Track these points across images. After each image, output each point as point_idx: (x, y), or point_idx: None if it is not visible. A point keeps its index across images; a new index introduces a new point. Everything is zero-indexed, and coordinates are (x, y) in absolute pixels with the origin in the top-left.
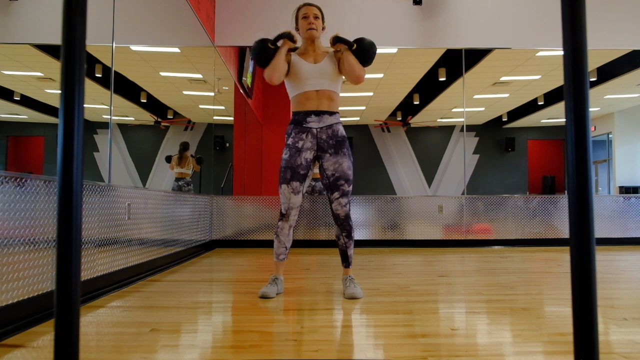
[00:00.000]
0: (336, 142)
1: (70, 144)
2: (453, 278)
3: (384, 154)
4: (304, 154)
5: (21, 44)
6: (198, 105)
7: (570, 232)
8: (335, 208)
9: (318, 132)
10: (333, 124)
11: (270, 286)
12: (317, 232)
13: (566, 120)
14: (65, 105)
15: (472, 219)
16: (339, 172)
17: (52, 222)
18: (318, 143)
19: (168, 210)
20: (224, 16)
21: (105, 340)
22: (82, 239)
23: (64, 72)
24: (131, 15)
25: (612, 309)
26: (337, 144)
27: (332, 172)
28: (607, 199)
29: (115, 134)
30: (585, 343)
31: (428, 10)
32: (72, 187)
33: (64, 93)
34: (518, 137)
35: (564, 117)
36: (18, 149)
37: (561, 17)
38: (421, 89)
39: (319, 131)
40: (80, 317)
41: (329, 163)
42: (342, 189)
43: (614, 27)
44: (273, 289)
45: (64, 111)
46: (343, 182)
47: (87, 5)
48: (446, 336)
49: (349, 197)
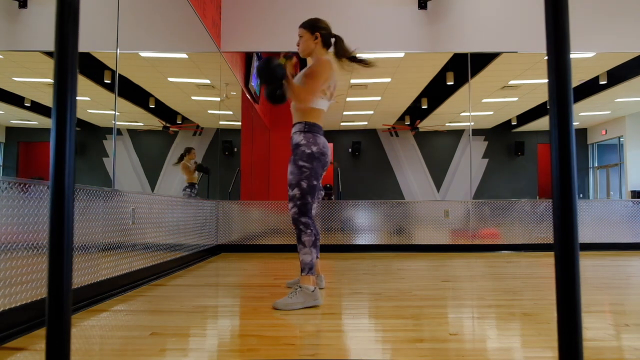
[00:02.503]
0: (292, 150)
1: (62, 149)
2: (457, 283)
3: (392, 159)
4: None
5: (31, 51)
6: (206, 110)
7: (555, 237)
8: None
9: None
10: (292, 134)
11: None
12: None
13: (550, 125)
14: (58, 111)
15: (479, 223)
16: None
17: None
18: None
19: (173, 215)
20: (229, 22)
21: (107, 343)
22: (87, 243)
23: (57, 78)
24: (139, 22)
25: (616, 314)
26: (292, 151)
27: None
28: (616, 204)
29: (125, 139)
30: (570, 349)
31: (433, 15)
32: (64, 191)
33: (56, 99)
34: (527, 141)
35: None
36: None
37: (545, 23)
38: (429, 93)
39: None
40: (84, 320)
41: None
42: (288, 194)
43: (623, 31)
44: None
45: (56, 117)
46: (288, 187)
47: (79, 12)
48: (445, 341)
49: (294, 201)
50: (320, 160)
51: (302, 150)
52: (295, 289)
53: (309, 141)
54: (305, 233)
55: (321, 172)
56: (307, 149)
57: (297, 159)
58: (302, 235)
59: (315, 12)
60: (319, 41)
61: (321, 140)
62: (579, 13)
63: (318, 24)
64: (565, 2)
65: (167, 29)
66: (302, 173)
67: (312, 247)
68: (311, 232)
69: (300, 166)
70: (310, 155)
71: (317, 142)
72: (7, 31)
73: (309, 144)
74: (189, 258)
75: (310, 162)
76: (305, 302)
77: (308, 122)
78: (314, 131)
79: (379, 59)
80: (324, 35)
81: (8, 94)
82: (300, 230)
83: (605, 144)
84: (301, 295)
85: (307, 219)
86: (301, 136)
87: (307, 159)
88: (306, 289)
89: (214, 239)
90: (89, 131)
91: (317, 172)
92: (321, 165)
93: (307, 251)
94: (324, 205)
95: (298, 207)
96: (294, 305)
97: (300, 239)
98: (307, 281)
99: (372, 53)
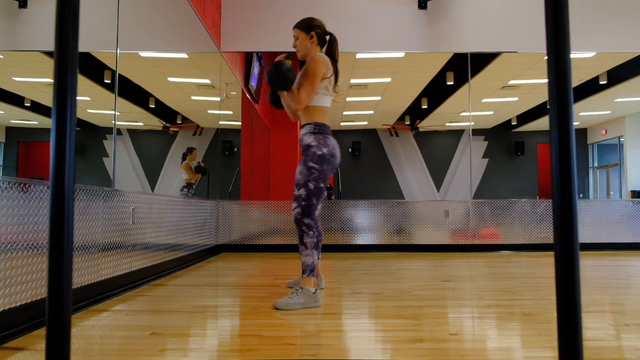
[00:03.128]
0: (302, 151)
1: (62, 149)
2: (457, 283)
3: (392, 159)
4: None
5: (31, 51)
6: (206, 110)
7: (555, 237)
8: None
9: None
10: (301, 135)
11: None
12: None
13: (550, 125)
14: (58, 111)
15: (479, 223)
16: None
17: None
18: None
19: (173, 215)
20: (229, 22)
21: (107, 343)
22: (87, 243)
23: (57, 78)
24: (139, 22)
25: (616, 314)
26: (302, 152)
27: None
28: (616, 204)
29: (125, 139)
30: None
31: (433, 15)
32: (64, 191)
33: (56, 99)
34: (528, 140)
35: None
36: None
37: (545, 23)
38: (429, 93)
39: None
40: (84, 320)
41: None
42: (294, 193)
43: (623, 31)
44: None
45: (56, 117)
46: (294, 186)
47: (79, 12)
48: (445, 341)
49: (299, 202)
50: (330, 163)
51: (314, 152)
52: (297, 290)
53: (320, 142)
54: (308, 235)
55: (329, 174)
56: (319, 150)
57: (308, 160)
58: (304, 237)
59: (315, 12)
60: (315, 40)
61: (331, 142)
62: (579, 13)
63: (312, 23)
64: (565, 2)
65: (167, 29)
66: (310, 174)
67: (314, 249)
68: (313, 233)
69: (310, 167)
70: (321, 157)
71: (328, 144)
72: (7, 31)
73: (319, 145)
74: (189, 258)
75: (320, 164)
76: (306, 304)
77: (317, 122)
78: (324, 132)
79: (379, 59)
80: (319, 34)
81: (8, 94)
82: (302, 232)
83: (605, 144)
84: (302, 296)
85: (310, 220)
86: (312, 137)
87: (317, 161)
88: (307, 291)
89: (214, 238)
90: (89, 131)
91: (326, 174)
92: (330, 168)
93: (309, 253)
94: (324, 205)
95: (302, 208)
96: (294, 306)
97: (303, 240)
98: (309, 283)
99: (372, 53)
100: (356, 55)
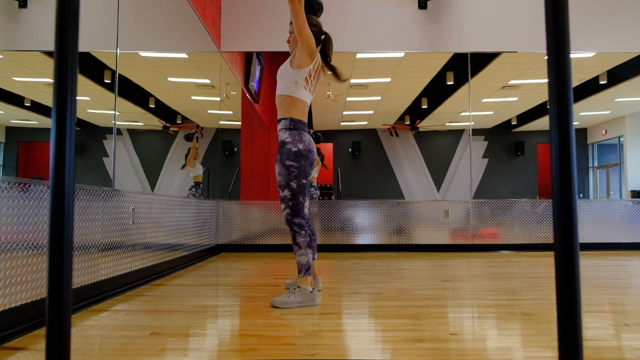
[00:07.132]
0: (278, 147)
1: (62, 149)
2: (457, 283)
3: (392, 159)
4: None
5: (31, 51)
6: (207, 110)
7: (555, 237)
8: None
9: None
10: (279, 130)
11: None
12: (318, 236)
13: (550, 125)
14: (58, 111)
15: (479, 223)
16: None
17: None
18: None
19: (173, 215)
20: (229, 22)
21: (107, 343)
22: (87, 243)
23: (57, 78)
24: (139, 22)
25: (616, 314)
26: (278, 148)
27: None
28: (616, 204)
29: (125, 139)
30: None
31: (433, 15)
32: (64, 191)
33: (56, 99)
34: (528, 140)
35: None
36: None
37: (545, 23)
38: (429, 93)
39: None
40: (84, 320)
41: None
42: (279, 195)
43: (623, 31)
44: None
45: (56, 117)
46: (278, 188)
47: (79, 12)
48: (445, 341)
49: (286, 202)
50: (308, 158)
51: (289, 149)
52: (294, 288)
53: (295, 139)
54: (300, 234)
55: (309, 170)
56: (293, 147)
57: (284, 158)
58: (297, 237)
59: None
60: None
61: (306, 138)
62: (579, 13)
63: (309, 21)
64: (565, 2)
65: (167, 29)
66: (290, 173)
67: (307, 248)
68: (305, 232)
69: (288, 166)
70: (297, 154)
71: (303, 140)
72: (7, 31)
73: (294, 141)
74: (189, 258)
75: (298, 160)
76: (303, 302)
77: (293, 118)
78: (299, 128)
79: (379, 59)
80: (314, 33)
81: (8, 93)
82: (294, 232)
83: (605, 144)
84: (299, 295)
85: (301, 220)
86: (287, 133)
87: (294, 158)
88: (304, 289)
89: (213, 238)
90: (89, 131)
91: (306, 170)
92: (309, 163)
93: (303, 252)
94: (324, 205)
95: (290, 208)
96: (291, 304)
97: (296, 240)
98: (305, 282)
99: (372, 53)
100: (356, 55)
